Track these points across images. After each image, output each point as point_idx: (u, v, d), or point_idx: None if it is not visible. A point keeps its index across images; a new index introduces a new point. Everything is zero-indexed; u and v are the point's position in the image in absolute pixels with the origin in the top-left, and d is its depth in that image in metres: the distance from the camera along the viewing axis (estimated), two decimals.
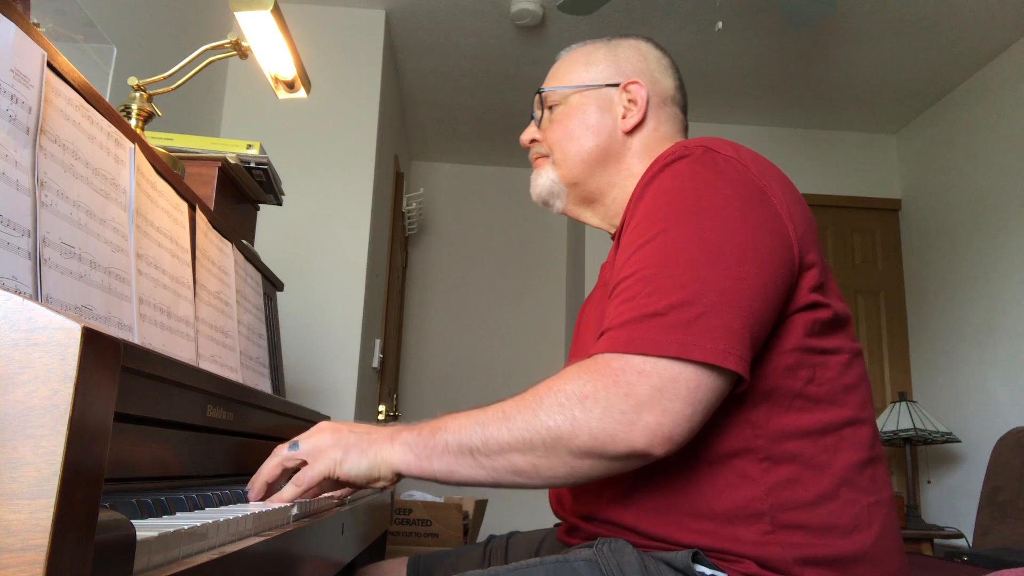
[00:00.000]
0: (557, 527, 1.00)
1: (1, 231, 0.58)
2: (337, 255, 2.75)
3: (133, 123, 1.18)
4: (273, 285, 1.44)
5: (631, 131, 0.98)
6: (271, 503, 0.72)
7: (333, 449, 0.75)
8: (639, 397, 0.66)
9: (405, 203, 3.93)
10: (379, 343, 3.12)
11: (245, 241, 1.30)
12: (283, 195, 1.56)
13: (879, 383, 3.71)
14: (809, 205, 0.83)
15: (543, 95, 1.03)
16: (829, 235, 3.87)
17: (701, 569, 0.72)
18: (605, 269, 0.96)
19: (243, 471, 0.90)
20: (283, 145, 2.61)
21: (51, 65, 0.70)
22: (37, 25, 0.72)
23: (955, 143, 3.48)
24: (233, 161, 1.33)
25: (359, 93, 2.92)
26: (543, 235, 4.53)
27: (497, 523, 3.00)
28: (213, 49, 1.28)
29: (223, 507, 0.67)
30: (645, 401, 0.66)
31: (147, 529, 0.44)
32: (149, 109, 1.20)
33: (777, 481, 0.73)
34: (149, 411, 0.66)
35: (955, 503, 3.31)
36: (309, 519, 0.75)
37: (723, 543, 0.73)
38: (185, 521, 0.50)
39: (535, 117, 1.05)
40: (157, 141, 1.26)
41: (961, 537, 2.98)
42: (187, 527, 0.47)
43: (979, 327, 3.22)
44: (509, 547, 1.06)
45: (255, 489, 0.76)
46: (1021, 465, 2.38)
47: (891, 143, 3.97)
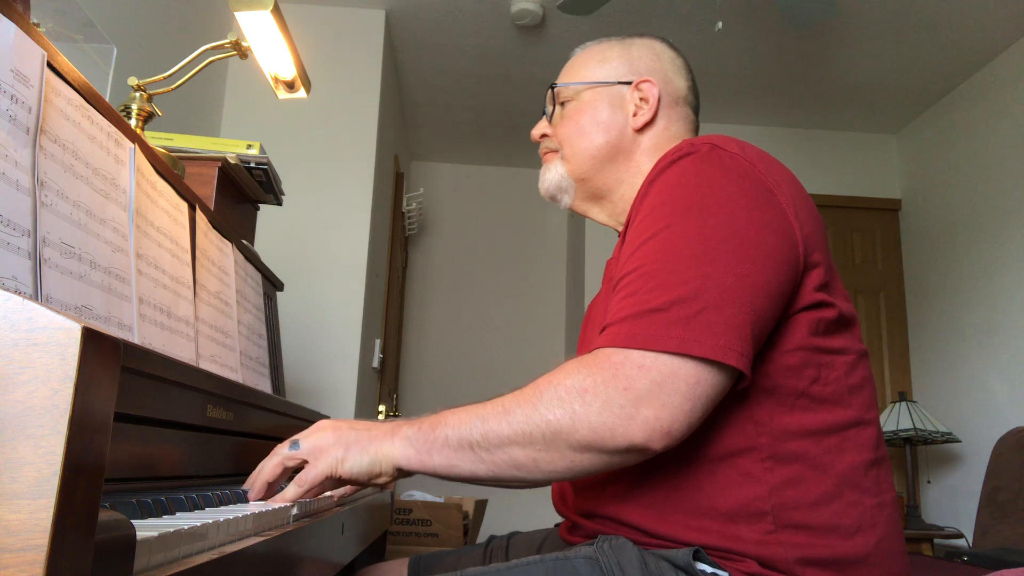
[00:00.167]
0: (558, 527, 1.00)
1: (1, 231, 0.58)
2: (337, 255, 2.75)
3: (133, 123, 1.18)
4: (273, 285, 1.44)
5: (641, 129, 0.98)
6: (272, 503, 0.72)
7: (334, 447, 0.75)
8: (638, 391, 0.66)
9: (405, 203, 3.93)
10: (379, 343, 3.12)
11: (245, 241, 1.30)
12: (283, 195, 1.56)
13: (879, 383, 3.71)
14: None
15: (555, 90, 1.03)
16: (829, 235, 3.87)
17: (702, 567, 0.71)
18: (610, 265, 0.96)
19: (243, 471, 0.90)
20: (283, 145, 2.61)
21: (51, 65, 0.70)
22: (37, 25, 0.72)
23: (955, 143, 3.48)
24: (233, 161, 1.33)
25: (359, 93, 2.92)
26: (543, 235, 4.53)
27: (497, 523, 3.00)
28: (213, 49, 1.28)
29: (223, 507, 0.67)
30: (644, 395, 0.66)
31: (147, 529, 0.44)
32: (149, 109, 1.20)
33: (780, 480, 0.73)
34: (149, 411, 0.66)
35: (955, 503, 3.31)
36: (309, 519, 0.75)
37: (724, 541, 0.73)
38: (185, 521, 0.50)
39: (547, 112, 1.05)
40: (157, 141, 1.26)
41: (961, 537, 2.98)
42: (187, 527, 0.47)
43: (979, 327, 3.22)
44: (510, 547, 1.06)
45: (255, 488, 0.75)
46: (1021, 465, 2.38)
47: (891, 143, 3.98)
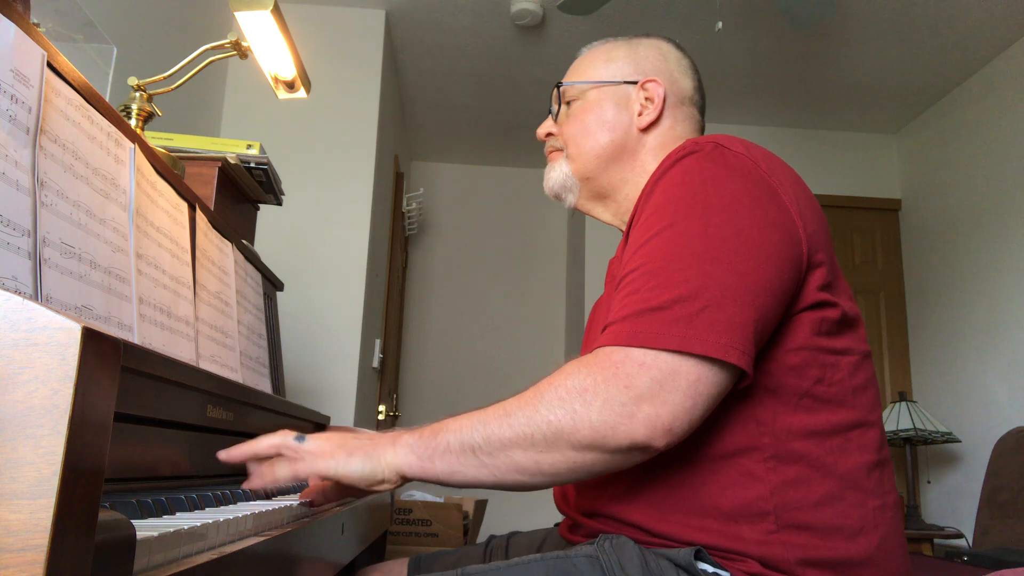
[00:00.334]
0: (558, 526, 1.00)
1: (1, 231, 0.58)
2: (337, 255, 2.75)
3: (133, 123, 1.18)
4: (273, 285, 1.44)
5: (646, 128, 0.98)
6: (272, 503, 0.72)
7: (337, 450, 0.75)
8: (639, 389, 0.66)
9: (405, 203, 3.93)
10: (379, 343, 3.12)
11: (245, 241, 1.30)
12: (283, 195, 1.56)
13: (879, 383, 3.70)
14: None
15: (561, 89, 1.03)
16: None
17: (703, 566, 0.71)
18: (613, 264, 0.96)
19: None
20: (283, 145, 2.61)
21: (51, 65, 0.70)
22: (37, 25, 0.72)
23: (955, 143, 3.48)
24: (233, 161, 1.33)
25: (359, 93, 2.92)
26: (543, 235, 4.53)
27: (497, 523, 3.00)
28: (213, 49, 1.28)
29: (223, 507, 0.67)
30: (645, 393, 0.66)
31: (147, 529, 0.44)
32: (149, 109, 1.19)
33: (783, 481, 0.73)
34: (149, 411, 0.66)
35: (955, 503, 3.31)
36: (309, 519, 0.75)
37: (726, 541, 0.72)
38: (185, 521, 0.50)
39: (552, 111, 1.05)
40: (157, 141, 1.26)
41: (961, 537, 2.98)
42: (187, 527, 0.47)
43: (979, 327, 3.22)
44: (510, 547, 1.06)
45: (238, 452, 0.76)
46: (1021, 465, 2.38)
47: (891, 143, 3.97)
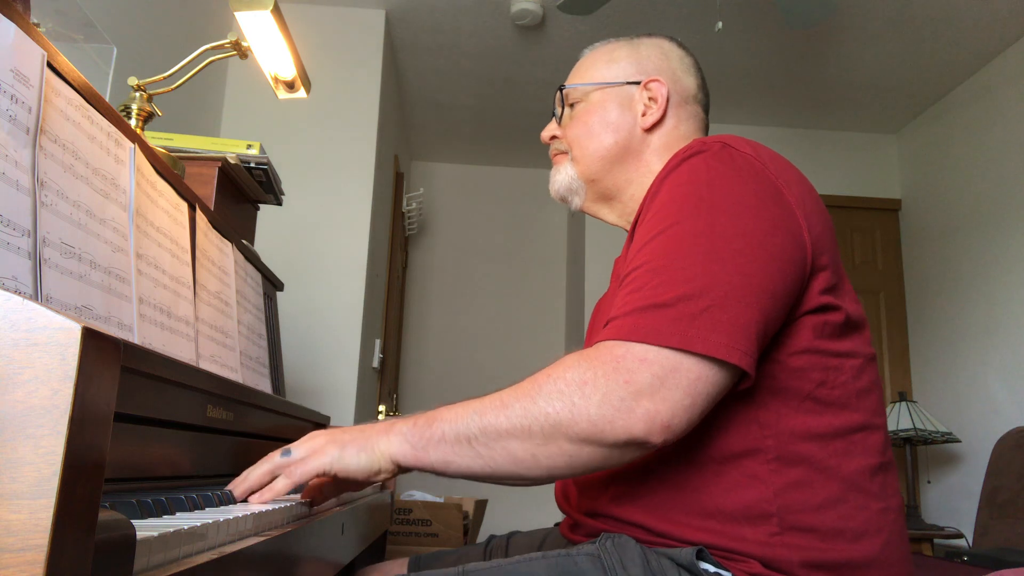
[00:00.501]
0: (558, 526, 1.00)
1: (1, 231, 0.58)
2: (337, 255, 2.75)
3: (133, 123, 1.18)
4: (273, 285, 1.44)
5: (650, 129, 0.97)
6: (271, 503, 0.72)
7: (329, 446, 0.74)
8: (639, 384, 0.66)
9: (405, 203, 3.93)
10: (379, 343, 3.12)
11: (245, 241, 1.30)
12: (283, 195, 1.56)
13: None
14: None
15: (564, 92, 1.03)
16: None
17: (705, 566, 0.71)
18: (618, 263, 0.95)
19: (243, 471, 0.90)
20: (283, 145, 2.61)
21: (51, 65, 0.70)
22: (37, 25, 0.72)
23: (955, 143, 3.48)
24: (233, 161, 1.33)
25: (359, 93, 2.92)
26: (543, 235, 4.53)
27: (497, 523, 3.00)
28: (213, 49, 1.28)
29: (223, 507, 0.67)
30: (644, 389, 0.66)
31: (147, 529, 0.44)
32: (149, 109, 1.19)
33: (786, 483, 0.73)
34: (149, 411, 0.66)
35: (955, 503, 3.31)
36: (309, 519, 0.75)
37: (728, 542, 0.72)
38: (185, 521, 0.50)
39: (556, 114, 1.05)
40: (157, 141, 1.26)
41: (961, 537, 2.98)
42: (187, 527, 0.47)
43: (979, 327, 3.22)
44: (510, 547, 1.06)
45: (240, 494, 0.74)
46: (1021, 465, 2.38)
47: (891, 143, 3.97)
